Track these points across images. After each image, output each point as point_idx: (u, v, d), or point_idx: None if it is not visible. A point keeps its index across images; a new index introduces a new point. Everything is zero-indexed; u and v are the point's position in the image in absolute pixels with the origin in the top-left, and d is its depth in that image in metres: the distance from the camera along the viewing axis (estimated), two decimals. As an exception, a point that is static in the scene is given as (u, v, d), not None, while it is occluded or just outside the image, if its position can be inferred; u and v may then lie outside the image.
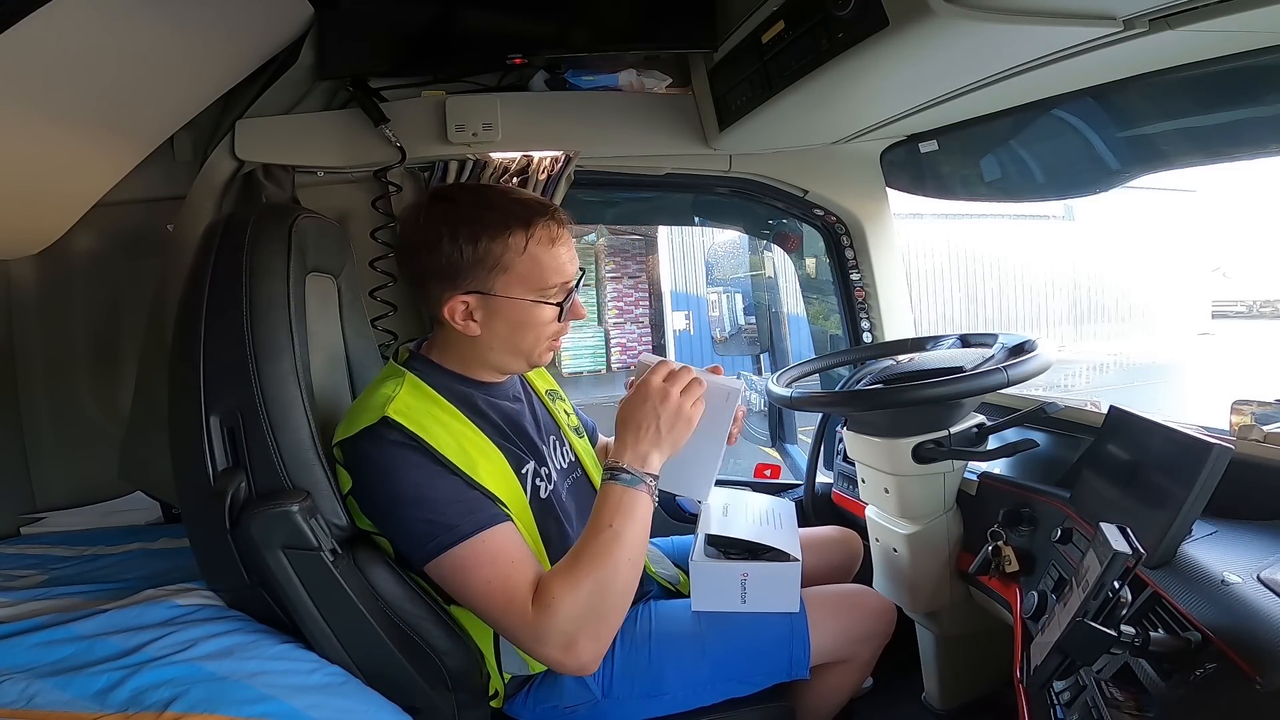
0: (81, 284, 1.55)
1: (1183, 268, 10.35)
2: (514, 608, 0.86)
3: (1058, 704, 0.78)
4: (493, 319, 0.95)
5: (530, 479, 0.99)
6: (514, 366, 1.02)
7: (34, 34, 0.83)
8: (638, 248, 10.40)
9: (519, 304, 0.94)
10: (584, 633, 0.85)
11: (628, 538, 0.87)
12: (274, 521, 0.86)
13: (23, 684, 0.79)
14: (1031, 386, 1.13)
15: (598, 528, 0.88)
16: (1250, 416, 0.94)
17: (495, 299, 0.94)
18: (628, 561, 0.88)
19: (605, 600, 0.86)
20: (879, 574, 1.29)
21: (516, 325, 0.96)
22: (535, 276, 0.94)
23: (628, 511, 0.88)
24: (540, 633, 0.85)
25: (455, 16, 1.37)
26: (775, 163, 1.61)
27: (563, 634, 0.85)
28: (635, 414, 0.92)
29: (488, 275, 0.93)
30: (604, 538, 0.87)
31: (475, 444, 0.95)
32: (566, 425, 1.17)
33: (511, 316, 0.95)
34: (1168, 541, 0.79)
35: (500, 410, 1.02)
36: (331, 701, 0.83)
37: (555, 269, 0.95)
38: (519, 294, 0.94)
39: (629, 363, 10.33)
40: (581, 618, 0.85)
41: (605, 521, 0.88)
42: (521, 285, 0.94)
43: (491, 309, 0.94)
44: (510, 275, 0.93)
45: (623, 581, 0.88)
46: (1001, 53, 1.03)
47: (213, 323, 0.91)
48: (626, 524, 0.88)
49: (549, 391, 1.19)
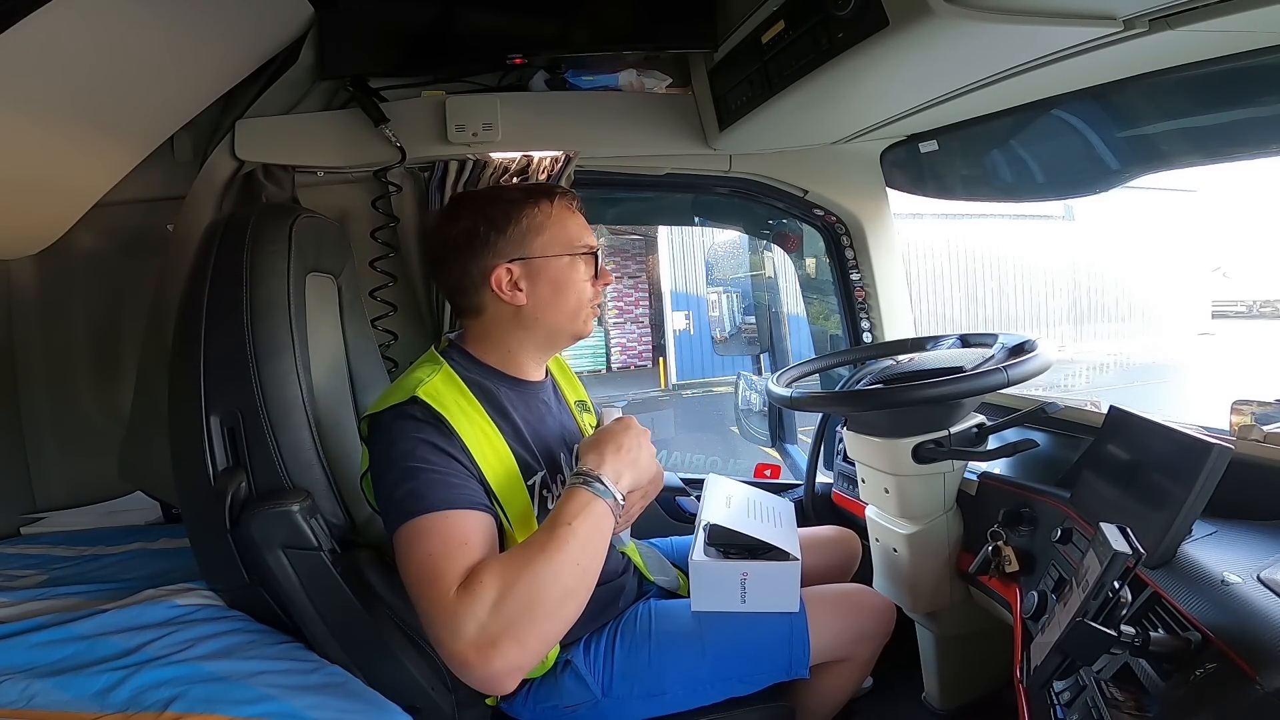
0: (81, 284, 1.55)
1: (1183, 268, 10.36)
2: (437, 588, 0.77)
3: (1058, 704, 0.78)
4: (536, 282, 0.99)
5: (537, 490, 0.98)
6: (562, 331, 1.03)
7: (34, 34, 0.83)
8: (638, 248, 10.41)
9: (558, 261, 0.99)
10: (507, 631, 0.75)
11: (583, 541, 0.82)
12: (274, 521, 0.86)
13: (23, 684, 0.79)
14: (1031, 386, 1.13)
15: (554, 523, 0.83)
16: (1250, 416, 0.94)
17: (535, 261, 0.99)
18: (575, 565, 0.80)
19: (541, 600, 0.77)
20: (879, 574, 1.29)
21: (558, 285, 1.00)
22: (565, 236, 1.01)
23: (591, 517, 0.84)
24: (456, 620, 0.75)
25: (455, 16, 1.37)
26: (775, 163, 1.61)
27: (481, 628, 0.75)
28: (618, 435, 0.93)
29: (524, 240, 0.99)
30: (559, 533, 0.81)
31: (491, 442, 0.94)
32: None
33: (553, 276, 1.00)
34: (1168, 541, 0.79)
35: (525, 412, 1.02)
36: (331, 701, 0.83)
37: (579, 231, 1.02)
38: (556, 251, 0.99)
39: (629, 363, 10.34)
40: (508, 611, 0.75)
41: (564, 518, 0.82)
42: (556, 244, 1.00)
43: (534, 272, 0.99)
44: (545, 236, 0.99)
45: (566, 584, 0.79)
46: (1001, 53, 1.03)
47: (213, 322, 0.91)
48: (585, 526, 0.83)
49: (578, 402, 1.19)
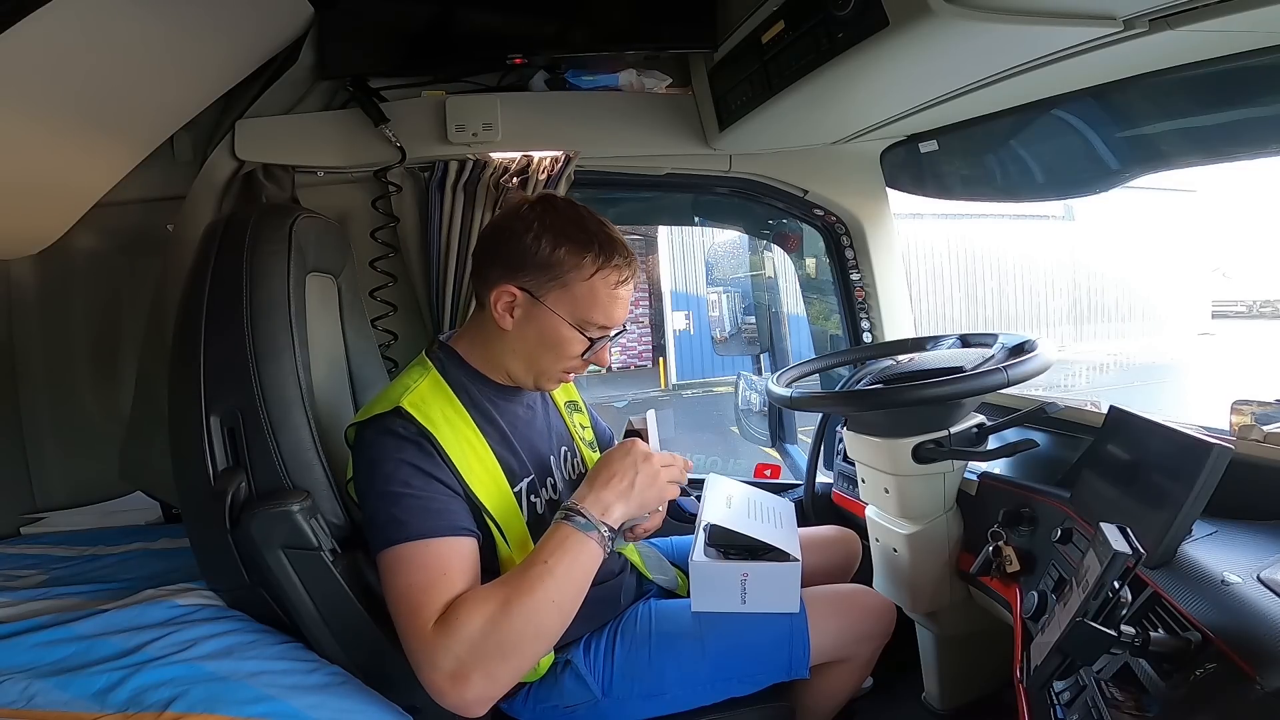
0: (81, 284, 1.55)
1: (1183, 268, 10.36)
2: (416, 621, 0.80)
3: (1058, 704, 0.78)
4: (527, 323, 0.96)
5: (525, 496, 0.98)
6: (522, 379, 1.01)
7: (34, 34, 0.83)
8: (638, 248, 10.40)
9: (557, 322, 0.95)
10: (479, 667, 0.78)
11: (560, 579, 0.82)
12: (274, 521, 0.86)
13: (23, 684, 0.79)
14: (1031, 386, 1.13)
15: (531, 561, 0.84)
16: (1250, 416, 0.94)
17: (540, 306, 0.95)
18: (551, 604, 0.82)
19: (513, 638, 0.79)
20: (879, 574, 1.29)
21: (543, 341, 0.96)
22: (585, 306, 0.95)
23: (570, 553, 0.84)
24: (433, 653, 0.78)
25: (455, 16, 1.37)
26: (775, 163, 1.61)
27: (455, 660, 0.78)
28: (613, 463, 0.91)
29: (546, 281, 0.94)
30: (534, 572, 0.82)
31: (476, 452, 0.94)
32: (580, 438, 1.17)
33: (545, 330, 0.95)
34: (1168, 541, 0.79)
35: (510, 416, 1.02)
36: (331, 701, 0.83)
37: (605, 311, 0.96)
38: (563, 313, 0.95)
39: (629, 363, 10.33)
40: (481, 647, 0.78)
41: (541, 557, 0.83)
42: (569, 307, 0.95)
43: (531, 313, 0.95)
44: (564, 293, 0.94)
45: (540, 624, 0.81)
46: (1001, 53, 1.03)
47: (213, 323, 0.91)
48: (562, 564, 0.83)
49: (568, 403, 1.19)
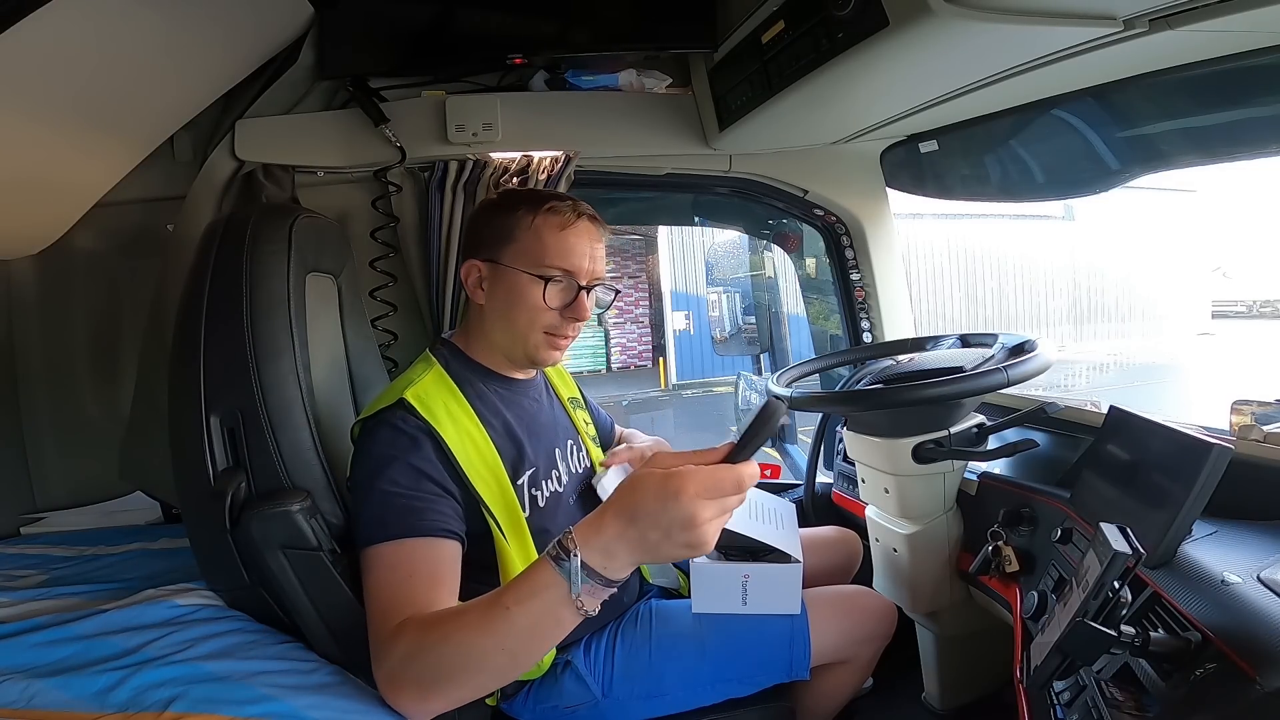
0: (81, 284, 1.55)
1: (1183, 268, 10.36)
2: (379, 620, 0.79)
3: (1058, 704, 0.78)
4: (495, 287, 0.99)
5: (526, 489, 0.98)
6: (512, 351, 1.02)
7: (34, 34, 0.83)
8: (638, 248, 10.40)
9: (517, 275, 0.97)
10: (410, 684, 0.75)
11: (520, 630, 0.69)
12: (274, 521, 0.86)
13: (23, 684, 0.79)
14: (1031, 386, 1.13)
15: (496, 598, 0.70)
16: (1250, 416, 0.94)
17: (500, 267, 0.98)
18: (502, 650, 0.70)
19: (451, 671, 0.72)
20: (879, 574, 1.29)
21: (511, 299, 0.98)
22: (535, 252, 0.97)
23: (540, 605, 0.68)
24: (379, 658, 0.77)
25: (455, 16, 1.37)
26: (775, 163, 1.61)
27: (392, 670, 0.76)
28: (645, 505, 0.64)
29: (497, 244, 0.99)
30: (494, 614, 0.69)
31: (477, 446, 0.95)
32: (585, 433, 1.18)
33: (509, 288, 0.98)
34: (1168, 541, 0.79)
35: (516, 408, 1.03)
36: (331, 701, 0.82)
37: (558, 251, 0.97)
38: (520, 265, 0.97)
39: (629, 363, 10.33)
40: (417, 669, 0.74)
41: (507, 600, 0.69)
42: (523, 258, 0.98)
43: (496, 277, 0.99)
44: (515, 246, 0.98)
45: (483, 664, 0.71)
46: (1001, 53, 1.03)
47: (213, 323, 0.91)
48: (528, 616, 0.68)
49: (571, 399, 1.20)
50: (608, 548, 0.66)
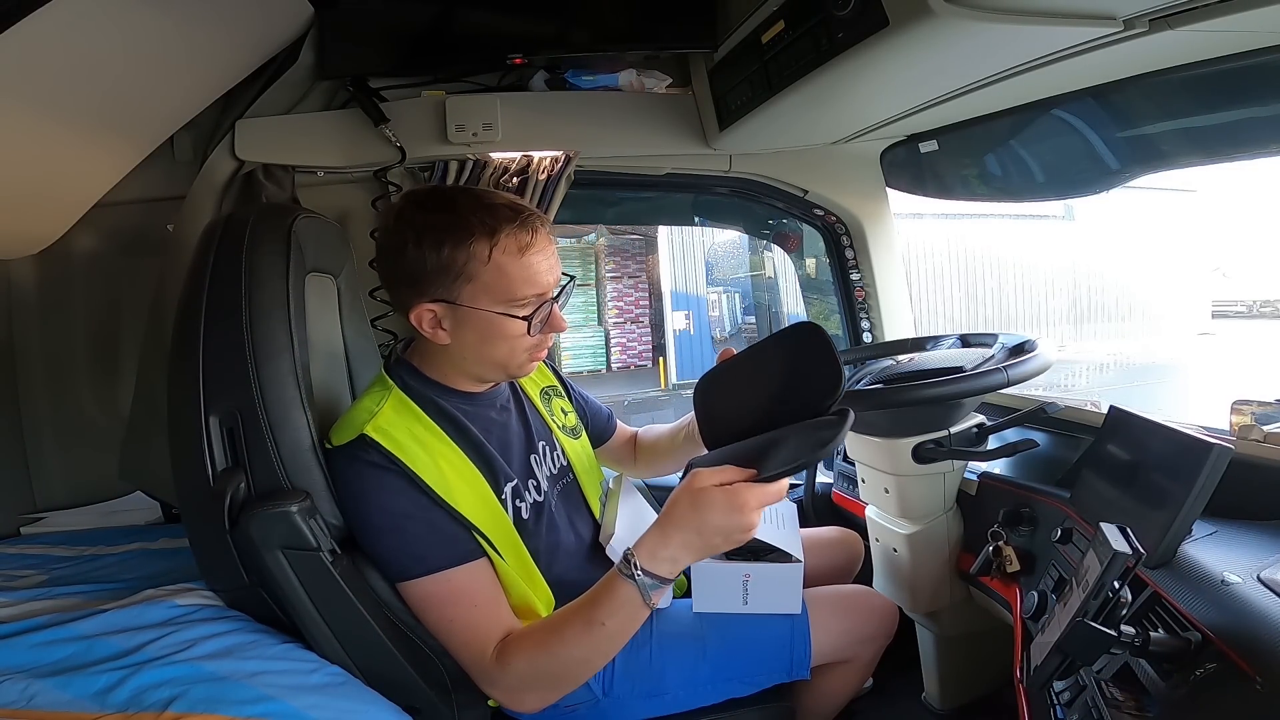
0: (81, 284, 1.55)
1: (1183, 268, 10.35)
2: (472, 650, 0.89)
3: (1058, 704, 0.78)
4: (461, 329, 0.91)
5: (510, 501, 0.97)
6: (492, 376, 0.99)
7: (34, 34, 0.83)
8: (638, 248, 10.39)
9: (486, 315, 0.89)
10: (533, 692, 0.89)
11: (613, 633, 0.84)
12: (273, 522, 0.86)
13: (23, 684, 0.79)
14: (1031, 386, 1.13)
15: (590, 619, 0.84)
16: (1250, 416, 0.94)
17: (461, 309, 0.89)
18: (603, 656, 0.87)
19: (565, 677, 0.89)
20: (879, 574, 1.29)
21: (485, 337, 0.91)
22: (502, 287, 0.88)
23: (628, 610, 0.83)
24: (492, 679, 0.89)
25: (455, 16, 1.37)
26: (775, 163, 1.61)
27: (510, 688, 0.89)
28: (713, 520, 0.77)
29: (453, 284, 0.88)
30: (593, 631, 0.84)
31: (454, 466, 0.93)
32: (558, 428, 1.13)
33: (479, 327, 0.90)
34: (1168, 541, 0.79)
35: (484, 423, 0.99)
36: (331, 702, 0.82)
37: (525, 280, 0.89)
38: (485, 305, 0.89)
39: (629, 362, 10.33)
40: (535, 682, 0.88)
41: (600, 617, 0.83)
42: (487, 296, 0.89)
43: (459, 319, 0.90)
44: (476, 285, 0.88)
45: (591, 668, 0.89)
46: (1001, 53, 1.03)
47: (212, 323, 0.91)
48: (619, 621, 0.84)
49: (544, 390, 1.15)
50: (674, 557, 0.81)
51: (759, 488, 0.77)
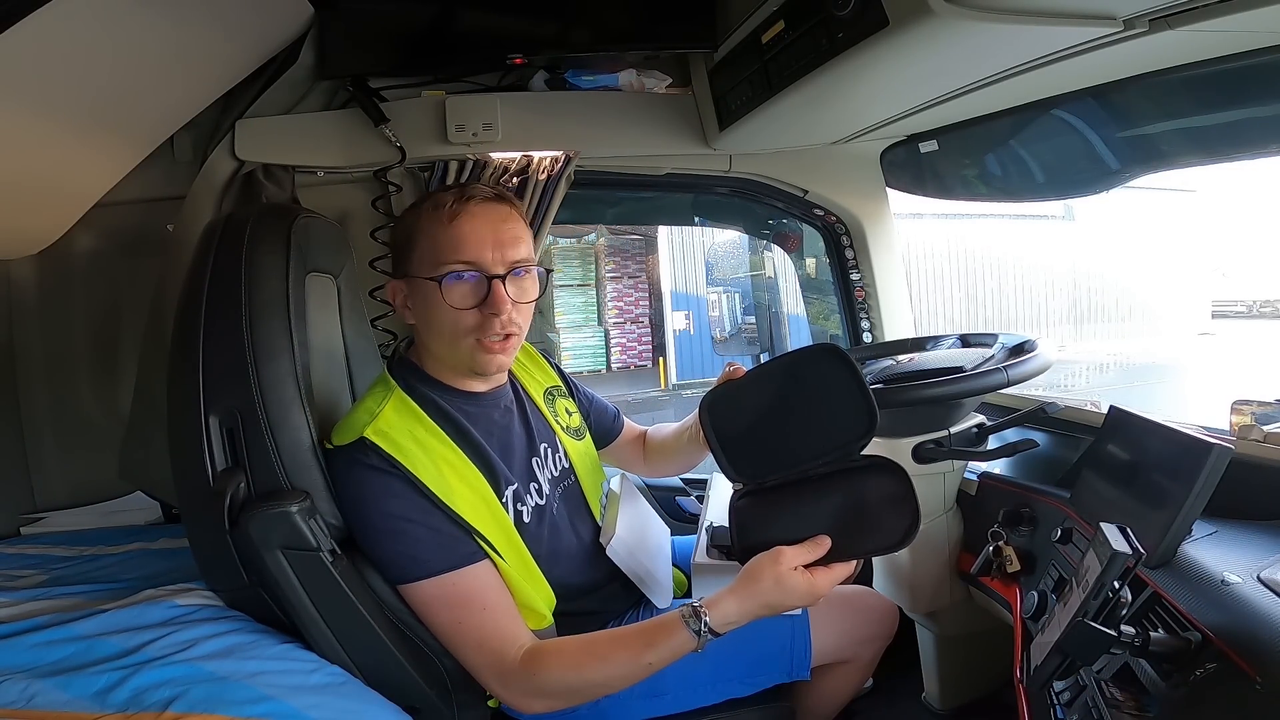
0: (81, 284, 1.55)
1: (1183, 268, 10.35)
2: (486, 652, 0.89)
3: (1058, 704, 0.78)
4: (414, 302, 0.96)
5: (512, 504, 0.97)
6: (456, 363, 0.97)
7: (34, 34, 0.83)
8: (638, 248, 10.39)
9: (422, 283, 0.93)
10: (548, 701, 0.90)
11: (650, 670, 0.88)
12: (273, 522, 0.86)
13: (23, 684, 0.79)
14: (1031, 386, 1.13)
15: (639, 656, 0.87)
16: (1250, 416, 0.94)
17: (412, 280, 0.95)
18: (630, 685, 0.89)
19: (586, 696, 0.91)
20: (879, 574, 1.29)
21: (429, 307, 0.93)
22: (431, 254, 0.92)
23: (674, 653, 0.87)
24: (509, 681, 0.89)
25: (455, 16, 1.37)
26: (775, 163, 1.61)
27: (526, 692, 0.89)
28: (791, 599, 0.84)
29: (402, 257, 0.96)
30: (638, 667, 0.87)
31: (455, 468, 0.93)
32: (561, 429, 1.13)
33: (425, 298, 0.94)
34: (1168, 541, 0.79)
35: (486, 425, 1.00)
36: (331, 702, 0.82)
37: (451, 246, 0.91)
38: (422, 272, 0.93)
39: (629, 362, 10.33)
40: (555, 694, 0.89)
41: (649, 658, 0.87)
42: (423, 263, 0.93)
43: (412, 291, 0.96)
44: (416, 254, 0.94)
45: (611, 692, 0.90)
46: (1001, 53, 1.03)
47: (212, 323, 0.91)
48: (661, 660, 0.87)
49: (548, 390, 1.15)
50: (742, 618, 0.85)
51: (838, 572, 0.85)
